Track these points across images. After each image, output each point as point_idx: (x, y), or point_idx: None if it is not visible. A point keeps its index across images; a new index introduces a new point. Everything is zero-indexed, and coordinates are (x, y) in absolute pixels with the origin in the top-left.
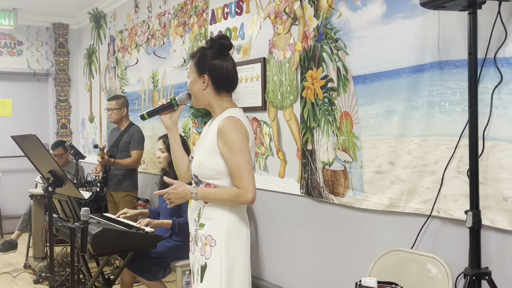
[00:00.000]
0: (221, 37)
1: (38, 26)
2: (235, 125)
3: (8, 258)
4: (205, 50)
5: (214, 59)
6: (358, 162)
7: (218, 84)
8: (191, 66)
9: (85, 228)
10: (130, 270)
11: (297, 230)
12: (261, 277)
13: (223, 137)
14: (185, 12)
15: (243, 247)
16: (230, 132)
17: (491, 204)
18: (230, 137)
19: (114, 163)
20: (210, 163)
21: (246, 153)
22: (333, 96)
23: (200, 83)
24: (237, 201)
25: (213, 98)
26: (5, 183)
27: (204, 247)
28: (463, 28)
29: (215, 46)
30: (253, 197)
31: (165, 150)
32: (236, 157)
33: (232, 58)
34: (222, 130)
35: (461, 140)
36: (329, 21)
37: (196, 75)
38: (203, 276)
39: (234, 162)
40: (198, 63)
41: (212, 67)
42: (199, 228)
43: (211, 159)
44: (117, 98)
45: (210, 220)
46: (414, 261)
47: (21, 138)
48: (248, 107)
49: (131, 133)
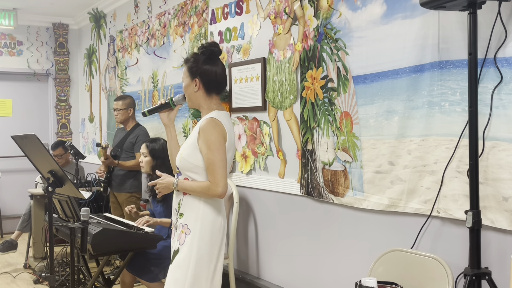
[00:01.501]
0: (211, 44)
1: (38, 26)
2: (215, 126)
3: (8, 258)
4: (197, 56)
5: (205, 64)
6: (358, 162)
7: (208, 87)
8: (184, 71)
9: (85, 228)
10: (129, 272)
11: (297, 230)
12: (261, 277)
13: (203, 135)
14: (185, 12)
15: (215, 237)
16: (209, 132)
17: (491, 204)
18: (208, 136)
19: (118, 165)
20: (189, 158)
21: (221, 151)
22: (333, 96)
23: (192, 86)
24: (208, 194)
25: (203, 99)
26: (5, 183)
27: (180, 234)
28: (463, 28)
29: (206, 52)
30: (223, 192)
31: (148, 154)
32: (211, 154)
33: (222, 63)
34: (202, 130)
35: (461, 140)
36: (329, 21)
37: (189, 79)
38: (174, 259)
39: (209, 158)
40: (191, 68)
41: (203, 71)
42: (179, 217)
43: (191, 154)
44: (123, 99)
45: (187, 210)
46: (414, 261)
47: (21, 138)
48: (248, 107)
49: (137, 134)
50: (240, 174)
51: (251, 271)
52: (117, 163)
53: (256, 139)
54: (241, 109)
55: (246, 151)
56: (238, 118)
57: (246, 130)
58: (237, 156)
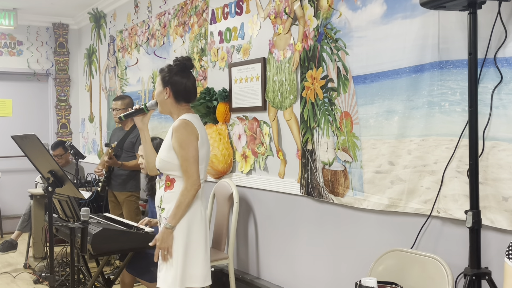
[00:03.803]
0: (184, 58)
1: (38, 26)
2: (185, 126)
3: (8, 258)
4: (171, 67)
5: (176, 75)
6: (358, 162)
7: (177, 96)
8: (158, 79)
9: (85, 228)
10: (129, 272)
11: (297, 230)
12: (261, 277)
13: (175, 135)
14: (185, 12)
15: (197, 223)
16: (180, 131)
17: (491, 204)
18: (179, 135)
19: (121, 165)
20: (167, 158)
21: (193, 148)
22: (333, 96)
23: (163, 94)
24: (190, 194)
25: (173, 107)
26: (5, 183)
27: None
28: (463, 28)
29: (179, 65)
30: (198, 183)
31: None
32: (183, 151)
33: (193, 76)
34: (175, 130)
35: (461, 140)
36: (329, 21)
37: (161, 87)
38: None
39: (182, 156)
40: (163, 77)
41: (173, 82)
42: (161, 212)
43: (167, 154)
44: (122, 99)
45: (168, 204)
46: (414, 261)
47: (21, 138)
48: (248, 107)
49: (137, 134)
50: (240, 174)
51: (251, 271)
52: (121, 164)
53: (256, 139)
54: (241, 109)
55: (246, 151)
56: (238, 118)
57: (246, 130)
58: (237, 156)
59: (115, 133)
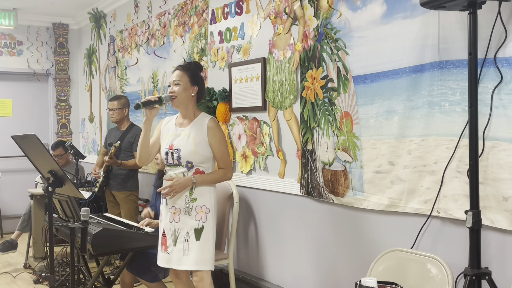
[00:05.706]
0: (197, 62)
1: (38, 26)
2: (219, 125)
3: (8, 258)
4: (196, 67)
5: (201, 76)
6: (358, 162)
7: (200, 95)
8: (183, 75)
9: (85, 228)
10: (129, 272)
11: (297, 230)
12: (261, 277)
13: (213, 132)
14: (185, 12)
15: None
16: (218, 129)
17: (491, 204)
18: (219, 133)
19: (121, 165)
20: (203, 152)
21: (226, 144)
22: (333, 96)
23: (190, 91)
24: (224, 178)
25: (193, 104)
26: (5, 183)
27: (200, 214)
28: (463, 28)
29: (200, 67)
30: (232, 174)
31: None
32: (224, 147)
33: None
34: (211, 127)
35: (461, 140)
36: (329, 21)
37: (189, 84)
38: (200, 235)
39: (221, 150)
40: (193, 75)
41: (201, 81)
42: (191, 201)
43: (203, 148)
44: (118, 98)
45: (203, 194)
46: (414, 261)
47: (21, 138)
48: (248, 107)
49: (135, 134)
50: (240, 174)
51: (251, 271)
52: (120, 163)
53: (256, 139)
54: (241, 109)
55: (246, 151)
56: (238, 118)
57: (246, 130)
58: (237, 156)
59: (111, 133)
